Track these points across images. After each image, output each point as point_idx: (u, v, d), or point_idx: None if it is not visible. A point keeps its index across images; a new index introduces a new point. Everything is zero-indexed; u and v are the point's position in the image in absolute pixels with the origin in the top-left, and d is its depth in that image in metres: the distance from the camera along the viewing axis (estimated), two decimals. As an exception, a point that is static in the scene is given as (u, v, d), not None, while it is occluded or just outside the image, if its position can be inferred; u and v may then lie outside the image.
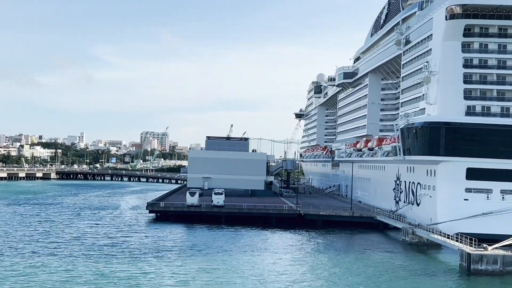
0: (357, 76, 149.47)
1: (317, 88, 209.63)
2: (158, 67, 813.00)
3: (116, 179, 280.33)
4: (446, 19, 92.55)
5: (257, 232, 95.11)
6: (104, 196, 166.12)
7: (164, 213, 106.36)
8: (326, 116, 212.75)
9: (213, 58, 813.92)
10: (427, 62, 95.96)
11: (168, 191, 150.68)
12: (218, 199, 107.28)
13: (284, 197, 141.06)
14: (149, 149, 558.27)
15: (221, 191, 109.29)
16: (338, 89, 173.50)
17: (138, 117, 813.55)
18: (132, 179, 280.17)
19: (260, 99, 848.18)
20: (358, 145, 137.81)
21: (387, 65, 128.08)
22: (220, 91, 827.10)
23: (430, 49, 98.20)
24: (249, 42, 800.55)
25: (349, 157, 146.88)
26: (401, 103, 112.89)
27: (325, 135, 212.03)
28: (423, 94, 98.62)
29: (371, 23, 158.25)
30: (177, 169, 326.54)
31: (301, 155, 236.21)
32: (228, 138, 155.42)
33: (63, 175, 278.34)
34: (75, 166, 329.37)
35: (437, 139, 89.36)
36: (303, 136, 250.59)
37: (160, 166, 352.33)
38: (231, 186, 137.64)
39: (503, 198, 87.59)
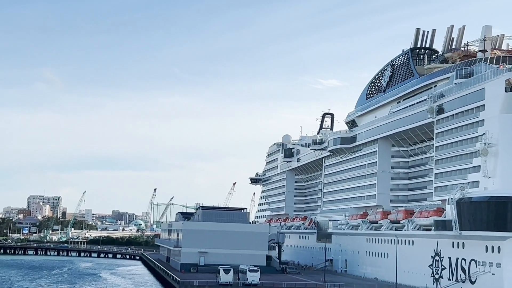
0: (360, 142, 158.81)
1: (288, 151, 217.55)
2: (25, 117, 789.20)
3: (41, 253, 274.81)
4: (506, 91, 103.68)
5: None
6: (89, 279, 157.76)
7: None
8: (296, 182, 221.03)
9: (91, 107, 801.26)
10: (483, 133, 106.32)
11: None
12: (253, 277, 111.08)
13: (289, 273, 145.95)
14: (39, 216, 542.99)
15: (256, 268, 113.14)
16: (325, 154, 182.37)
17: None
18: (61, 253, 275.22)
19: (150, 157, 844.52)
20: (370, 217, 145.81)
21: (406, 132, 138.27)
22: (100, 146, 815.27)
23: (482, 120, 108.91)
24: (136, 91, 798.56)
25: (353, 229, 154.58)
26: (436, 174, 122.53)
27: (295, 203, 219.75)
28: (475, 167, 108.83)
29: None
30: (107, 240, 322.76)
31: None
32: (225, 208, 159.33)
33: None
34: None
35: (504, 215, 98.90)
36: (260, 204, 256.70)
37: (72, 236, 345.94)
38: (230, 262, 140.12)
39: None
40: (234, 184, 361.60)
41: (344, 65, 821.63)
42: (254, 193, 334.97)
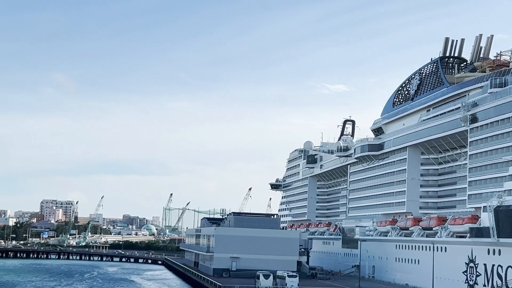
0: (389, 149, 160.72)
1: (311, 158, 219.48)
2: (35, 122, 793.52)
3: (63, 257, 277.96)
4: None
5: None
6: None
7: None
8: (318, 188, 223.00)
9: (100, 112, 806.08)
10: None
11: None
12: (292, 282, 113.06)
13: (320, 279, 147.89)
14: (52, 221, 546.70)
15: (295, 274, 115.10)
16: (350, 160, 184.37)
17: (8, 181, 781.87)
18: (83, 258, 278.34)
19: (159, 161, 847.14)
20: (400, 223, 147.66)
21: (437, 140, 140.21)
22: (109, 150, 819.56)
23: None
24: (143, 95, 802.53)
25: (382, 236, 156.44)
26: (470, 181, 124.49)
27: (317, 209, 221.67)
28: (511, 175, 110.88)
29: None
30: (127, 245, 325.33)
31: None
32: (256, 214, 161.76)
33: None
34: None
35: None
36: (281, 210, 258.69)
37: (89, 241, 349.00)
38: (261, 267, 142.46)
39: None
40: (250, 189, 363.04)
41: (351, 70, 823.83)
42: (270, 199, 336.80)
